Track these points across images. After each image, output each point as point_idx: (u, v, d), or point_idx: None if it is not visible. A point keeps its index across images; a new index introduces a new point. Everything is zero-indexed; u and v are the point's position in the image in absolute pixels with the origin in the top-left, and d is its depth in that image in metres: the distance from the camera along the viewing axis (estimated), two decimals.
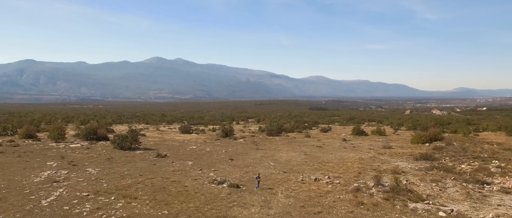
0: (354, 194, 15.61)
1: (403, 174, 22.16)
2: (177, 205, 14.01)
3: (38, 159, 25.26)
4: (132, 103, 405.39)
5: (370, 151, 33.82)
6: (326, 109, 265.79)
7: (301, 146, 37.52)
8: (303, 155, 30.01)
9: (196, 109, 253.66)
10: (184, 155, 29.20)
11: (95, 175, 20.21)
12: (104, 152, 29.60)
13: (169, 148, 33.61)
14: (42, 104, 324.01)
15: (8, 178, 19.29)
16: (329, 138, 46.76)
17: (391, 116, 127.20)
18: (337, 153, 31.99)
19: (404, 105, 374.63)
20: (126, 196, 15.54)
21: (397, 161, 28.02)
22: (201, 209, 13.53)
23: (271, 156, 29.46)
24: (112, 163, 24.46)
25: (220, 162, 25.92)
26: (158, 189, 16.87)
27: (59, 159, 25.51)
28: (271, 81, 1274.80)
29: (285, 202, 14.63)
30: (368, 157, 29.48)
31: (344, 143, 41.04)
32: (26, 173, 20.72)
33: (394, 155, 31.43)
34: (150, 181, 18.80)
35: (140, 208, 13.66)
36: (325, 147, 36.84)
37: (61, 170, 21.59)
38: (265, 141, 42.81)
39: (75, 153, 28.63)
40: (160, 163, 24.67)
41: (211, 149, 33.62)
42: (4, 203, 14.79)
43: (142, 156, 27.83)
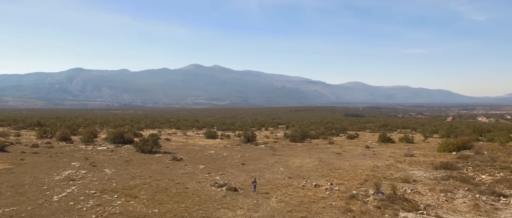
0: (347, 201, 15.50)
1: (413, 182, 21.47)
2: (169, 205, 14.78)
3: (65, 160, 27.34)
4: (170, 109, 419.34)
5: (389, 158, 32.86)
6: (362, 115, 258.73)
7: (320, 152, 37.24)
8: (317, 162, 29.85)
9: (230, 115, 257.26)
10: (200, 159, 30.16)
11: (109, 175, 21.60)
12: (126, 154, 31.33)
13: (188, 152, 34.82)
14: (88, 110, 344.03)
15: (34, 176, 21.19)
16: (352, 145, 45.87)
17: (429, 123, 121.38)
18: (353, 160, 31.45)
19: (447, 112, 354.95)
20: (128, 195, 16.57)
21: (414, 169, 27.07)
22: (190, 209, 14.18)
23: (284, 161, 29.61)
24: (129, 165, 25.91)
25: (231, 166, 26.54)
26: (160, 190, 17.78)
27: (83, 160, 27.44)
28: (308, 87, 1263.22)
29: (275, 206, 14.89)
30: (384, 165, 28.72)
31: (365, 150, 40.13)
32: (51, 171, 22.60)
33: (413, 163, 30.33)
34: (156, 182, 19.80)
35: (135, 206, 14.58)
36: (344, 154, 36.28)
37: (81, 170, 23.28)
38: (286, 147, 42.91)
39: (99, 155, 30.58)
40: (173, 166, 25.75)
41: (228, 154, 34.37)
42: (22, 197, 16.38)
43: (159, 159, 29.15)
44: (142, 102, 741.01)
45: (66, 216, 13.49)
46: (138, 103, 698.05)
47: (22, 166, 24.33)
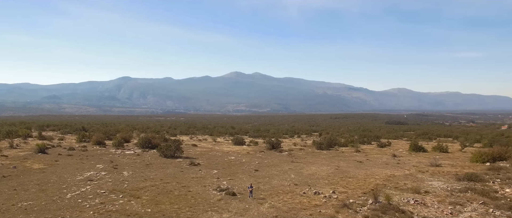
0: (337, 210, 15.40)
1: (424, 193, 20.60)
2: (164, 206, 15.67)
3: (92, 162, 29.55)
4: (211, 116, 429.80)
5: (412, 168, 31.54)
6: (405, 123, 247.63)
7: (341, 160, 36.62)
8: (333, 169, 29.50)
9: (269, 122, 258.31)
10: (217, 164, 31.06)
11: (125, 177, 23.12)
12: (149, 158, 33.08)
13: (208, 157, 35.92)
14: (133, 116, 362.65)
15: (60, 175, 23.26)
16: (379, 153, 44.43)
17: (476, 132, 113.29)
18: (372, 168, 30.63)
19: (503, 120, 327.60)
20: (132, 195, 17.76)
21: (434, 180, 25.83)
22: (181, 210, 14.96)
23: (299, 169, 29.59)
24: (148, 168, 27.42)
25: (243, 172, 27.10)
26: (163, 192, 18.80)
27: (107, 162, 29.48)
28: (350, 94, 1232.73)
29: (263, 211, 15.21)
30: (402, 175, 27.70)
31: (391, 158, 38.75)
32: (76, 172, 24.64)
33: (436, 173, 28.90)
34: (164, 185, 20.90)
35: (132, 205, 15.66)
36: (366, 162, 35.38)
37: (102, 172, 25.10)
38: (309, 154, 42.63)
39: (124, 158, 32.61)
40: (187, 170, 26.85)
41: (247, 160, 34.96)
42: (42, 193, 18.17)
43: (177, 163, 30.47)
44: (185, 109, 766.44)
45: (70, 211, 14.85)
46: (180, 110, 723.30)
47: (54, 167, 26.68)
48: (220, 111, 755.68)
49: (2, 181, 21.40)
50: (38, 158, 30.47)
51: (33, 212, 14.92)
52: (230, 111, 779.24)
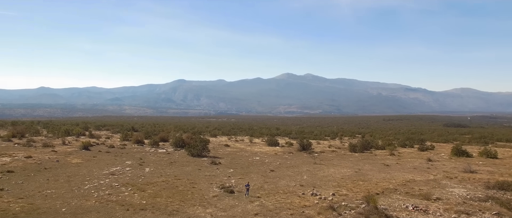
0: (320, 211, 15.47)
1: (433, 200, 19.58)
2: (160, 199, 17.00)
3: (124, 159, 32.21)
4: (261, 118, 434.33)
5: (441, 173, 29.75)
6: (466, 126, 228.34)
7: (368, 163, 35.60)
8: (352, 172, 28.94)
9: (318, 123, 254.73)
10: (237, 164, 32.05)
11: (144, 173, 25.06)
12: (176, 157, 35.11)
13: (233, 157, 37.07)
14: (186, 117, 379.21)
15: (90, 169, 25.90)
16: (414, 157, 42.24)
17: None
18: (394, 173, 29.47)
19: None
20: (140, 189, 19.40)
21: (457, 187, 24.26)
22: (172, 203, 16.20)
23: (317, 171, 29.48)
24: (170, 166, 29.28)
25: (258, 172, 27.75)
26: (169, 187, 20.21)
27: (137, 159, 31.93)
28: (406, 95, 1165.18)
29: (248, 209, 15.80)
30: (424, 180, 26.35)
31: (424, 163, 36.74)
32: (105, 167, 27.19)
33: (465, 180, 27.01)
34: (175, 181, 22.36)
35: (133, 197, 17.22)
36: (394, 166, 34.03)
37: (127, 167, 27.39)
38: (338, 156, 41.93)
39: (154, 156, 34.98)
40: (205, 169, 28.20)
41: (270, 160, 35.50)
42: (66, 184, 20.58)
43: (200, 162, 31.99)
44: (237, 111, 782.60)
45: (78, 199, 16.80)
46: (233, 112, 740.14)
47: (89, 162, 29.63)
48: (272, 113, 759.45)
49: (42, 172, 24.41)
50: (80, 154, 33.88)
51: (50, 199, 17.09)
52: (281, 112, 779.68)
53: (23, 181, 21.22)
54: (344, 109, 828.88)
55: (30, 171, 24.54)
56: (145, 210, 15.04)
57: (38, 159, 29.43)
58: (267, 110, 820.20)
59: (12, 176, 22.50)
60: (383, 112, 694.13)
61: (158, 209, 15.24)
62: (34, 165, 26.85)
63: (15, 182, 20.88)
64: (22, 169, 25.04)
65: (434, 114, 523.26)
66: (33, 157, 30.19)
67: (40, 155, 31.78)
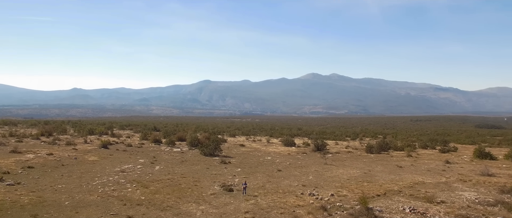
0: (311, 211, 15.58)
1: (436, 203, 19.10)
2: (159, 195, 17.70)
3: (138, 157, 33.41)
4: (285, 118, 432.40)
5: (455, 176, 28.80)
6: (501, 127, 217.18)
7: (382, 164, 34.99)
8: (361, 173, 28.62)
9: (343, 123, 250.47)
10: (247, 163, 32.43)
11: (153, 171, 25.98)
12: (189, 156, 35.99)
13: (245, 157, 37.48)
14: (211, 117, 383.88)
15: (103, 167, 27.15)
16: (432, 159, 40.98)
17: None
18: (405, 174, 28.84)
19: None
20: (144, 185, 20.24)
21: (468, 190, 23.48)
22: (169, 200, 16.84)
23: (325, 171, 29.36)
24: (180, 164, 30.13)
25: (265, 171, 28.01)
26: (172, 185, 20.92)
27: (151, 158, 33.03)
28: (436, 95, 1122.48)
29: (241, 207, 16.15)
30: (434, 182, 25.66)
31: (441, 165, 35.62)
32: (118, 164, 28.39)
33: (480, 183, 26.05)
34: (180, 179, 23.09)
35: (134, 193, 18.04)
36: (407, 167, 33.24)
37: (139, 165, 28.47)
38: (353, 157, 41.43)
39: (167, 155, 36.02)
40: (213, 168, 28.81)
41: (281, 161, 35.64)
42: (78, 180, 21.75)
43: (211, 161, 32.64)
44: (262, 111, 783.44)
45: (83, 193, 17.82)
46: (257, 112, 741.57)
47: (105, 159, 31.00)
48: (297, 113, 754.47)
49: (59, 168, 25.87)
50: (98, 152, 35.45)
51: (59, 193, 18.20)
52: (306, 112, 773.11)
53: (39, 176, 22.62)
54: (370, 109, 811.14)
55: (48, 167, 26.04)
56: (141, 205, 15.77)
57: (58, 156, 31.11)
58: (292, 110, 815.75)
59: (31, 171, 23.99)
60: (411, 112, 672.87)
61: (154, 205, 15.92)
62: (54, 161, 28.43)
63: (32, 177, 22.29)
64: (42, 165, 26.61)
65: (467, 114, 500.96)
66: (54, 154, 31.93)
67: (61, 152, 33.55)
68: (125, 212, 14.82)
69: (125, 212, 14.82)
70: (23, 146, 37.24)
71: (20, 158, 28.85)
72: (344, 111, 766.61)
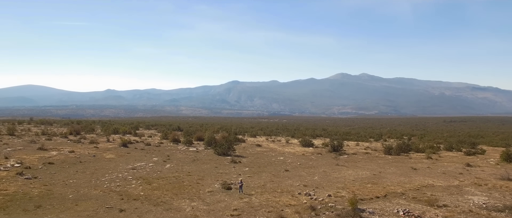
0: (299, 211, 15.72)
1: (438, 207, 18.56)
2: (158, 192, 18.54)
3: (152, 155, 34.70)
4: (314, 119, 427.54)
5: (471, 179, 27.69)
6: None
7: (395, 166, 34.20)
8: (369, 175, 28.21)
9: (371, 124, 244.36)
10: (257, 163, 32.80)
11: (163, 169, 27.01)
12: (203, 155, 36.87)
13: (257, 157, 37.86)
14: (239, 118, 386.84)
15: (117, 164, 28.55)
16: (453, 162, 39.41)
17: None
18: (416, 177, 28.08)
19: None
20: (148, 182, 21.19)
21: (480, 195, 22.57)
22: (166, 196, 17.68)
23: (333, 172, 29.19)
24: (191, 163, 31.03)
25: (272, 171, 28.28)
26: (175, 182, 21.73)
27: (165, 156, 34.21)
28: (474, 94, 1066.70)
29: (231, 204, 16.64)
30: (444, 186, 24.86)
31: (459, 168, 34.26)
32: (131, 162, 29.70)
33: (494, 188, 24.93)
34: (185, 176, 23.91)
35: (136, 188, 19.06)
36: (422, 170, 32.28)
37: (151, 163, 29.63)
38: (368, 159, 40.72)
39: (182, 154, 37.11)
40: (222, 167, 29.47)
41: (293, 161, 35.71)
42: (89, 176, 23.09)
43: (221, 160, 33.32)
44: (290, 112, 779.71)
45: (89, 188, 19.01)
46: (285, 112, 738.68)
47: (121, 157, 32.48)
48: (325, 113, 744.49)
49: (76, 164, 27.51)
50: (117, 151, 37.13)
51: (67, 187, 19.50)
52: (335, 113, 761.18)
53: (56, 171, 24.19)
54: (402, 109, 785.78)
55: (67, 163, 27.73)
56: (137, 200, 16.62)
57: (79, 153, 32.96)
58: (321, 111, 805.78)
59: (50, 167, 25.68)
60: (445, 113, 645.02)
61: (149, 200, 16.72)
62: (73, 158, 30.20)
63: (50, 172, 23.89)
64: (62, 161, 28.36)
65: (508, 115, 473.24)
66: (75, 151, 33.86)
67: (82, 150, 35.48)
68: (120, 205, 15.72)
69: (120, 205, 15.72)
70: (51, 144, 39.69)
71: (44, 155, 30.82)
72: (374, 111, 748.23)
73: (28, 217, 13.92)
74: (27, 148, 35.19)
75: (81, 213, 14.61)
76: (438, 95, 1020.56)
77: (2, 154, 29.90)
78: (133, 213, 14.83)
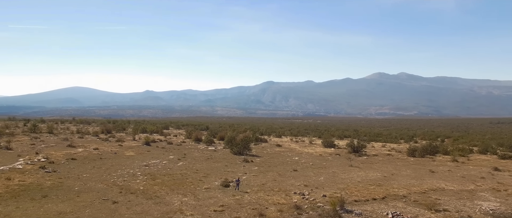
0: (281, 209, 15.92)
1: (436, 211, 17.91)
2: (157, 187, 19.59)
3: (170, 153, 36.19)
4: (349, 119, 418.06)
5: (491, 184, 26.21)
6: None
7: (412, 168, 33.07)
8: (380, 177, 27.61)
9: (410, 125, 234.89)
10: (269, 163, 33.11)
11: (174, 166, 28.24)
12: (218, 154, 37.83)
13: (272, 157, 38.13)
14: (273, 118, 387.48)
15: (133, 161, 30.17)
16: (481, 165, 37.28)
17: None
18: (429, 180, 27.07)
19: None
20: (153, 178, 22.41)
21: (493, 201, 21.43)
22: (162, 190, 18.64)
23: (344, 173, 28.91)
24: (204, 161, 32.03)
25: (280, 171, 28.52)
26: (179, 178, 22.77)
27: (181, 154, 35.55)
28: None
29: (220, 201, 17.18)
30: (457, 190, 23.83)
31: (485, 172, 32.40)
32: (147, 159, 31.21)
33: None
34: (191, 174, 24.87)
35: (139, 183, 20.30)
36: (441, 173, 30.99)
37: (165, 161, 30.98)
38: (389, 160, 39.62)
39: (198, 152, 38.31)
40: (233, 165, 30.20)
41: (306, 161, 35.65)
42: (103, 171, 24.68)
43: (234, 159, 34.04)
44: (325, 112, 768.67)
45: (96, 182, 20.49)
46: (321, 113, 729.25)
47: (140, 155, 34.19)
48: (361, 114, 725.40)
49: (96, 161, 29.41)
50: (139, 148, 39.05)
51: (78, 180, 21.11)
52: (372, 113, 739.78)
53: (75, 166, 26.08)
54: (444, 110, 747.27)
55: (88, 159, 29.72)
56: (133, 194, 17.70)
57: (102, 150, 35.10)
58: (357, 111, 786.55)
59: (72, 163, 27.71)
60: (494, 113, 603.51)
61: (145, 194, 17.75)
62: (95, 155, 32.26)
63: (69, 167, 25.81)
64: (84, 157, 30.43)
65: None
66: (99, 149, 36.07)
67: (106, 147, 37.70)
68: (115, 198, 16.87)
69: (115, 198, 16.87)
70: (81, 141, 42.48)
71: (70, 151, 33.19)
72: (413, 112, 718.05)
73: (32, 205, 15.36)
74: (59, 144, 37.93)
75: (78, 203, 15.88)
76: (485, 95, 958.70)
77: (34, 150, 32.56)
78: (124, 205, 15.86)
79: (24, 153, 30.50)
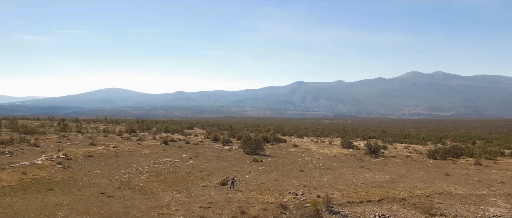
0: (265, 207, 16.13)
1: (433, 215, 17.34)
2: (156, 184, 20.50)
3: (183, 152, 37.32)
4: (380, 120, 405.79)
5: (507, 189, 24.88)
6: None
7: (427, 171, 31.98)
8: (388, 179, 27.01)
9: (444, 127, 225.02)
10: (279, 163, 33.27)
11: (183, 165, 29.20)
12: (231, 153, 38.49)
13: (284, 157, 38.24)
14: (302, 119, 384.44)
15: (146, 159, 31.51)
16: (507, 170, 35.23)
17: None
18: (439, 183, 26.12)
19: None
20: (157, 175, 23.39)
21: (503, 206, 20.43)
22: (159, 187, 19.49)
23: (351, 174, 28.58)
24: (214, 160, 32.80)
25: (285, 171, 28.65)
26: (182, 176, 23.59)
27: (194, 153, 36.56)
28: None
29: (211, 199, 17.64)
30: (466, 194, 22.91)
31: (507, 177, 30.70)
32: (160, 158, 32.42)
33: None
34: (196, 172, 25.66)
35: (140, 180, 21.34)
36: (456, 176, 29.79)
37: (176, 159, 32.05)
38: (406, 162, 38.47)
39: (212, 152, 39.20)
40: (241, 165, 30.71)
41: (317, 162, 35.47)
42: (114, 168, 25.99)
43: (245, 159, 34.54)
44: (356, 113, 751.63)
45: (102, 177, 21.72)
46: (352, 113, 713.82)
47: (155, 153, 35.53)
48: (394, 114, 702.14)
49: (111, 158, 30.95)
50: (156, 147, 40.53)
51: (88, 175, 22.48)
52: (405, 114, 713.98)
53: (90, 163, 27.64)
54: (484, 111, 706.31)
55: (104, 157, 31.33)
56: (130, 190, 18.66)
57: (120, 149, 36.80)
58: (389, 112, 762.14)
59: (88, 160, 29.35)
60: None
61: (141, 190, 18.65)
62: (112, 153, 33.90)
63: (85, 163, 27.40)
64: (101, 155, 32.10)
65: None
66: (117, 147, 37.82)
67: (125, 146, 39.44)
68: (112, 192, 17.88)
69: (112, 192, 17.88)
70: (104, 140, 44.69)
71: (90, 149, 35.07)
72: (450, 112, 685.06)
73: (36, 197, 16.66)
74: (83, 142, 40.15)
75: (77, 196, 17.01)
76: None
77: (58, 147, 34.71)
78: (118, 199, 16.79)
79: (48, 150, 32.64)
